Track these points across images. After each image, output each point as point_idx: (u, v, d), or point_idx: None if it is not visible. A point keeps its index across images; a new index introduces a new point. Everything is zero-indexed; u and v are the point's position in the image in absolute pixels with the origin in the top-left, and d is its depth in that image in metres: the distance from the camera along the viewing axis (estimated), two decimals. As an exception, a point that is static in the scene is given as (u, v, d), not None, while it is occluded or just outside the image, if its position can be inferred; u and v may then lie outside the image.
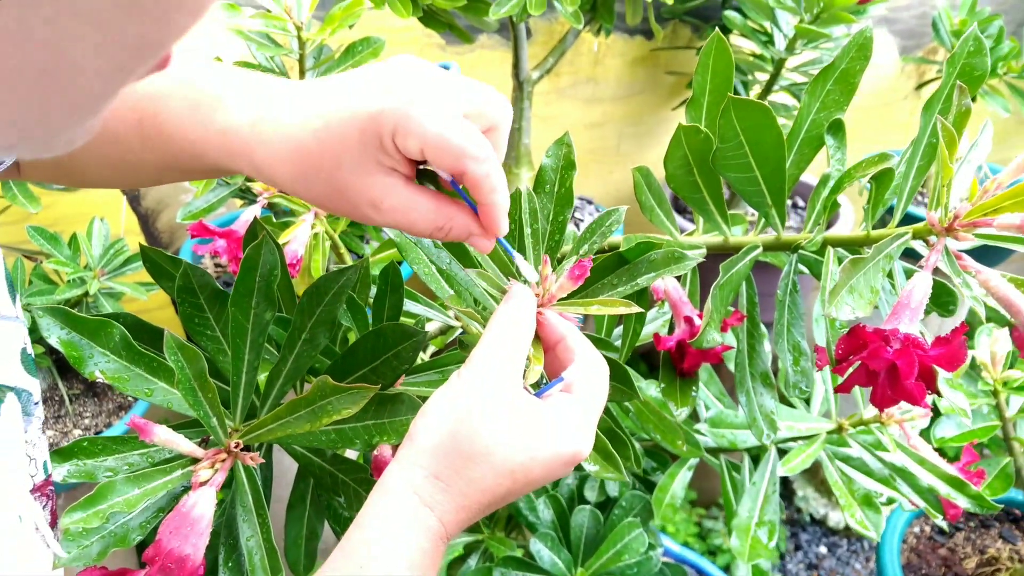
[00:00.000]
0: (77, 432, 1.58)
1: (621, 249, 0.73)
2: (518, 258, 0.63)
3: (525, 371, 0.60)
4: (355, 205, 0.55)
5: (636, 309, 0.65)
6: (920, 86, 2.34)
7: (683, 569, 1.22)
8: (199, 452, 0.63)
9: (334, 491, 0.70)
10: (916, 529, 1.61)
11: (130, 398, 1.63)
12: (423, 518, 0.53)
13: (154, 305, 1.76)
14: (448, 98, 0.53)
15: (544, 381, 0.62)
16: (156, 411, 1.65)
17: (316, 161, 0.54)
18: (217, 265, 1.79)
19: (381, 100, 0.52)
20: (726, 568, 2.07)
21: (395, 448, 0.82)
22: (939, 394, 0.72)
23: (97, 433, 1.57)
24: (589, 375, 0.60)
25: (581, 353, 0.61)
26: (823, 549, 2.24)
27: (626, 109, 2.13)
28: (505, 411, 0.55)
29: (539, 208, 0.69)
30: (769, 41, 1.80)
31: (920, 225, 0.77)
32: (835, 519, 2.24)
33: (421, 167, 0.57)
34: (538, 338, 0.63)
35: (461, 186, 0.57)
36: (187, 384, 0.59)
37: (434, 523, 0.53)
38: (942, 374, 0.71)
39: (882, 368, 0.71)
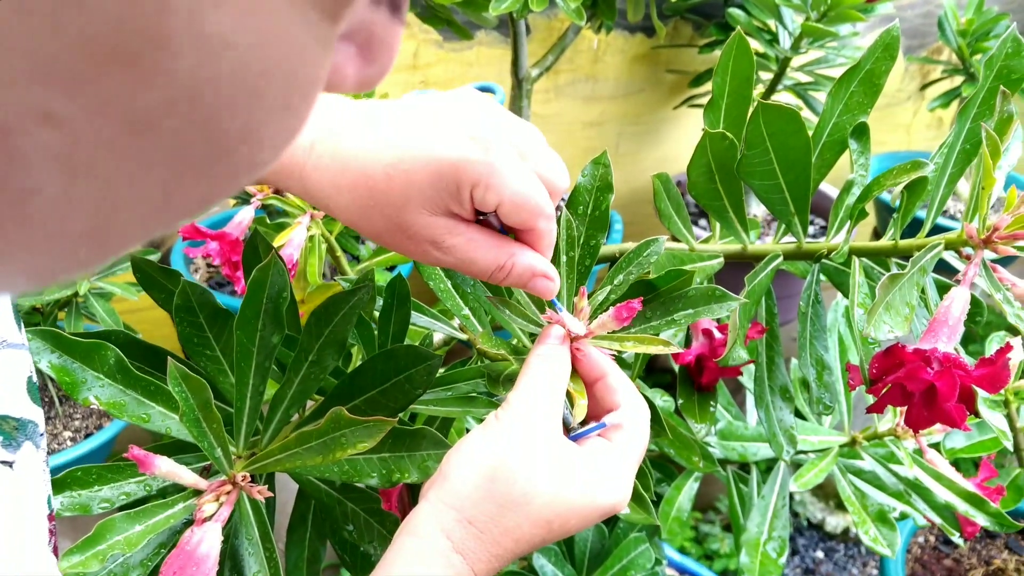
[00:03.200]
0: (67, 434, 1.55)
1: (651, 277, 0.70)
2: (565, 314, 0.60)
3: (572, 409, 0.57)
4: (415, 242, 0.54)
5: (675, 349, 0.61)
6: (924, 86, 2.31)
7: (690, 583, 1.19)
8: (202, 484, 0.59)
9: (343, 520, 0.66)
10: (920, 539, 1.59)
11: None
12: (455, 565, 0.50)
13: (144, 305, 1.71)
14: (527, 155, 0.53)
15: (576, 425, 0.58)
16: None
17: (381, 196, 0.52)
18: (209, 267, 1.75)
19: (464, 150, 0.51)
20: (723, 573, 2.05)
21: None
22: (978, 416, 0.69)
23: (87, 436, 1.53)
24: (631, 421, 0.58)
25: (623, 397, 0.58)
26: (820, 554, 2.21)
27: (625, 108, 2.10)
28: (545, 458, 0.53)
29: (575, 236, 0.66)
30: (773, 40, 1.77)
31: (953, 235, 0.74)
32: (832, 524, 2.21)
33: (480, 217, 0.56)
34: (576, 373, 0.60)
35: (511, 235, 0.57)
36: (191, 415, 0.55)
37: (466, 571, 0.50)
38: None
39: (920, 389, 0.67)
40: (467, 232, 0.54)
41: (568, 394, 0.58)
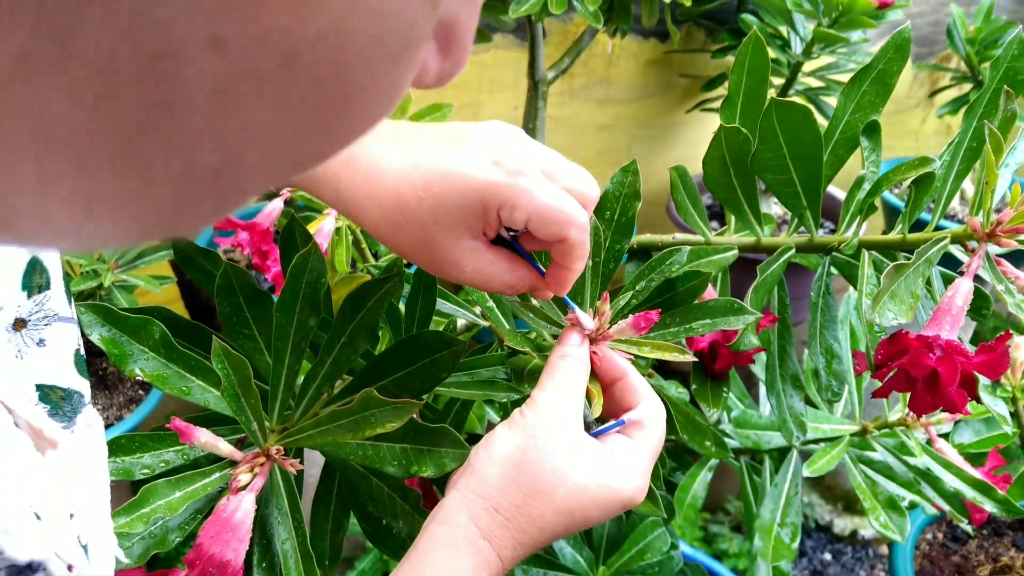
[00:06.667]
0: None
1: (673, 275, 0.73)
2: (578, 312, 0.64)
3: (591, 407, 0.61)
4: (437, 262, 0.57)
5: (691, 358, 0.65)
6: (933, 93, 2.34)
7: (702, 570, 1.21)
8: (238, 455, 0.62)
9: (368, 494, 0.69)
10: (928, 536, 1.61)
11: (140, 391, 1.62)
12: (483, 551, 0.53)
13: (165, 299, 1.75)
14: (553, 175, 0.56)
15: (595, 422, 0.62)
16: (168, 402, 1.63)
17: (411, 215, 0.55)
18: (230, 259, 1.78)
19: (490, 172, 0.54)
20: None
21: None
22: (979, 401, 0.71)
23: (108, 426, 1.56)
24: (649, 419, 0.61)
25: (642, 396, 0.62)
26: (827, 556, 2.22)
27: (638, 111, 2.12)
28: (569, 451, 0.56)
29: (602, 241, 0.69)
30: (785, 45, 1.79)
31: (959, 229, 0.77)
32: (840, 526, 2.23)
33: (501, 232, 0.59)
34: (594, 375, 0.64)
35: (529, 252, 0.60)
36: (231, 390, 0.58)
37: (493, 557, 0.53)
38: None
39: (923, 374, 0.70)
40: (487, 255, 0.57)
41: (587, 392, 0.62)
